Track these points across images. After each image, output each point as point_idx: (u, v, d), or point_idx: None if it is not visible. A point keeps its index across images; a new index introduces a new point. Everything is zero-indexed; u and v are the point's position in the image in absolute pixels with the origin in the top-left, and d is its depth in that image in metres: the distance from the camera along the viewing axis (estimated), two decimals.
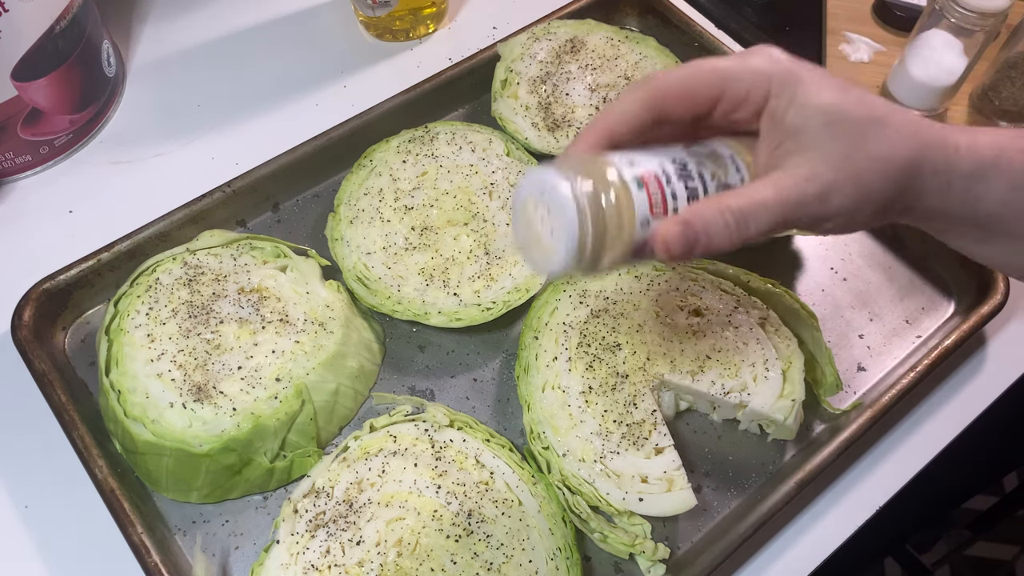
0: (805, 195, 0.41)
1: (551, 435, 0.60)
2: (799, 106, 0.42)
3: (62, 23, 0.72)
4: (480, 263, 0.68)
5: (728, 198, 0.42)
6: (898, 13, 0.91)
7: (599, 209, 0.41)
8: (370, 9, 0.86)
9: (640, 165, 0.43)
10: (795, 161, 0.42)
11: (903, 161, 0.41)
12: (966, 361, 0.70)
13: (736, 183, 0.45)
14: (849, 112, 0.42)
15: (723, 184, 0.44)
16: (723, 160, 0.45)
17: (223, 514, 0.61)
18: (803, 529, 0.62)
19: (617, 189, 0.41)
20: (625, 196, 0.42)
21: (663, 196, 0.42)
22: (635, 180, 0.42)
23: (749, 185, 0.43)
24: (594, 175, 0.41)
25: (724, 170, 0.45)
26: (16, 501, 0.62)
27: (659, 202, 0.42)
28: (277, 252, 0.69)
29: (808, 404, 0.63)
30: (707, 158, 0.45)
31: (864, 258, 0.75)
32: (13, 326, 0.64)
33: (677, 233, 0.41)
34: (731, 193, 0.42)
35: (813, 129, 0.42)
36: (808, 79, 0.43)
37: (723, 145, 0.46)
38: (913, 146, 0.42)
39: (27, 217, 0.77)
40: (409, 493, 0.58)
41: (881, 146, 0.41)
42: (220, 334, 0.63)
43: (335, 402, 0.63)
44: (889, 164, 0.41)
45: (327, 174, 0.78)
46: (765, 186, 0.42)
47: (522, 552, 0.56)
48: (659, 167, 0.43)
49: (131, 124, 0.84)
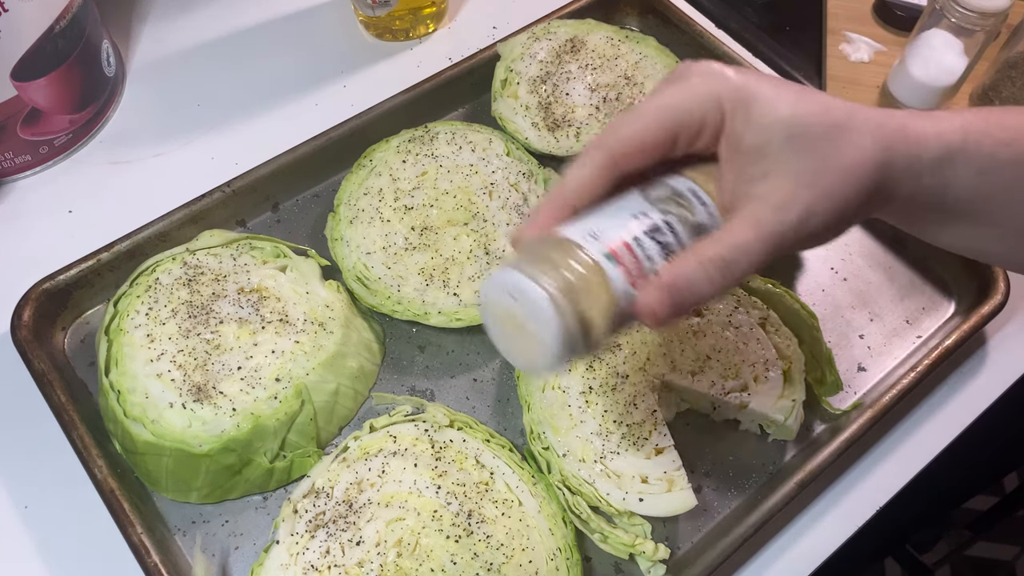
0: (785, 225, 0.40)
1: (551, 435, 0.60)
2: (757, 124, 0.40)
3: (62, 23, 0.72)
4: (480, 263, 0.68)
5: (707, 248, 0.40)
6: (898, 13, 0.91)
7: (575, 300, 0.38)
8: (370, 9, 0.86)
9: (606, 236, 0.40)
10: (765, 187, 0.40)
11: (873, 164, 0.40)
12: (966, 361, 0.70)
13: (704, 219, 0.42)
14: (809, 123, 0.40)
15: (693, 225, 0.42)
16: (686, 198, 0.43)
17: (223, 514, 0.61)
18: (803, 529, 0.62)
19: (589, 272, 0.39)
20: (599, 277, 0.39)
21: (638, 263, 0.40)
22: (605, 256, 0.40)
23: (725, 228, 0.41)
24: (560, 264, 0.39)
25: (690, 209, 0.42)
26: (16, 501, 0.62)
27: (635, 271, 0.40)
28: (277, 252, 0.69)
29: (808, 404, 0.63)
30: (669, 202, 0.42)
31: (864, 258, 0.75)
32: (13, 326, 0.64)
33: (663, 300, 0.39)
34: (708, 242, 0.40)
35: (776, 147, 0.40)
36: (761, 93, 0.41)
37: (681, 180, 0.43)
38: (880, 146, 0.40)
39: (27, 217, 0.77)
40: (409, 493, 0.58)
41: (848, 154, 0.40)
42: (220, 334, 0.63)
43: (335, 402, 0.63)
44: (860, 170, 0.40)
45: (327, 174, 0.77)
46: (742, 226, 0.40)
47: (522, 552, 0.56)
48: (626, 232, 0.41)
49: (131, 124, 0.84)
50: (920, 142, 0.41)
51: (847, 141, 0.40)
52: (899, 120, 0.41)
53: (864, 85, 0.87)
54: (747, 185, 0.41)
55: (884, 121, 0.41)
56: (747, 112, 0.41)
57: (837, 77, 0.87)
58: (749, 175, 0.41)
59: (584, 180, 0.43)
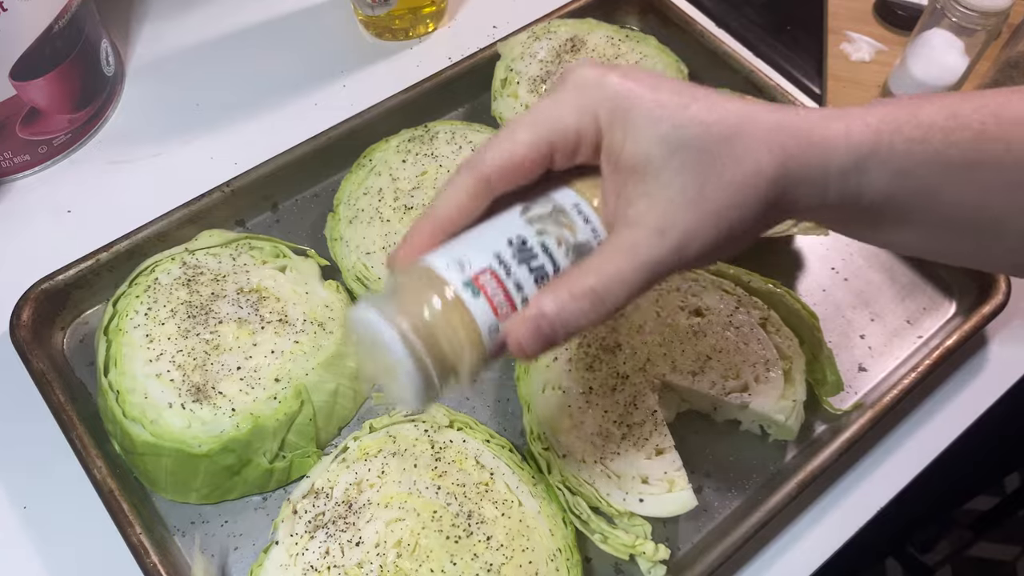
0: (662, 250, 0.37)
1: (551, 436, 0.60)
2: (635, 137, 0.37)
3: (60, 22, 0.72)
4: None
5: (579, 277, 0.37)
6: (899, 12, 0.91)
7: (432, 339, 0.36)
8: (369, 8, 0.85)
9: (471, 264, 0.38)
10: (642, 208, 0.37)
11: (766, 181, 0.37)
12: (967, 361, 0.70)
13: (587, 238, 0.40)
14: (694, 135, 0.36)
15: (573, 246, 0.39)
16: (568, 215, 0.40)
17: (222, 515, 0.61)
18: (804, 530, 0.62)
19: (448, 309, 0.37)
20: (461, 313, 0.37)
21: (505, 294, 0.38)
22: (469, 288, 0.37)
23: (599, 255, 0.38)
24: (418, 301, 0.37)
25: (571, 228, 0.40)
26: (14, 502, 0.62)
27: (503, 302, 0.37)
28: (276, 252, 0.68)
29: (809, 405, 0.63)
30: (549, 220, 0.40)
31: (865, 258, 0.75)
32: (11, 326, 0.64)
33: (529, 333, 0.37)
34: (581, 271, 0.37)
35: (656, 163, 0.37)
36: (641, 101, 0.37)
37: (566, 193, 0.41)
38: (776, 159, 0.37)
39: (25, 217, 0.77)
40: (409, 494, 0.57)
41: (737, 171, 0.36)
42: (219, 334, 0.62)
43: (334, 402, 0.63)
44: (749, 189, 0.37)
45: (326, 174, 0.77)
46: (616, 254, 0.37)
47: (522, 553, 0.56)
48: (495, 259, 0.38)
49: (130, 124, 0.84)
50: (826, 150, 0.37)
51: (736, 156, 0.36)
52: (803, 124, 0.38)
53: (865, 85, 0.87)
54: (626, 205, 0.38)
55: (784, 126, 0.37)
56: (624, 125, 0.37)
57: (838, 77, 0.87)
58: (628, 195, 0.38)
59: (454, 204, 0.40)
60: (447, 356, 0.37)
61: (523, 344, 0.37)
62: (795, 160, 0.37)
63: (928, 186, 0.38)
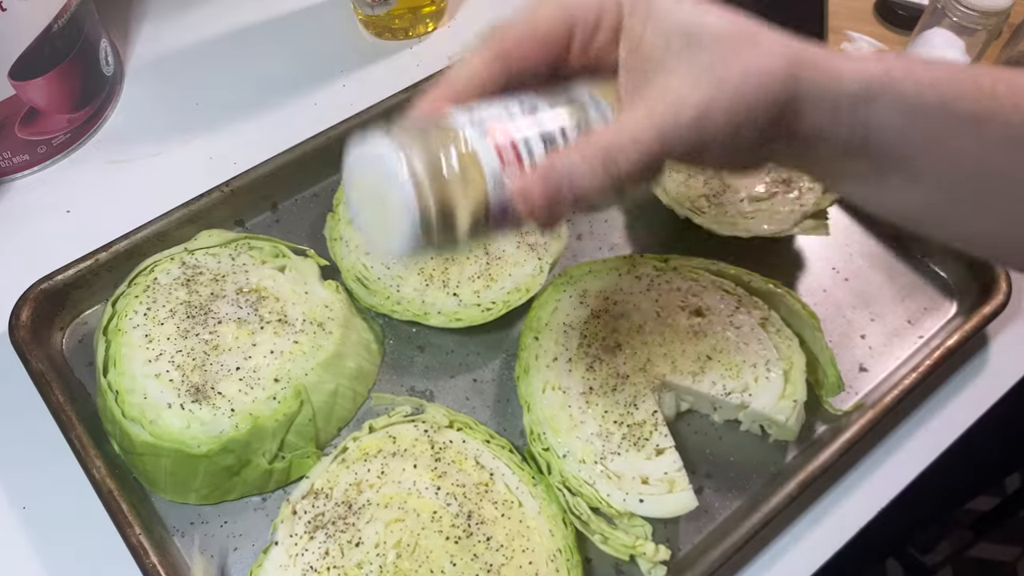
0: (679, 120, 0.37)
1: (551, 436, 0.60)
2: (657, 22, 0.38)
3: (60, 22, 0.72)
4: (480, 263, 0.68)
5: (592, 137, 0.38)
6: (900, 12, 0.91)
7: (439, 178, 0.36)
8: (369, 8, 0.85)
9: (487, 119, 0.38)
10: (663, 84, 0.38)
11: (781, 74, 0.37)
12: (968, 361, 0.70)
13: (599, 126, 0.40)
14: (713, 25, 0.38)
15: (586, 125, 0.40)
16: (583, 103, 0.41)
17: (221, 515, 0.61)
18: (805, 530, 0.62)
19: (460, 151, 0.37)
20: (470, 157, 0.37)
21: (516, 151, 0.38)
22: (481, 137, 0.37)
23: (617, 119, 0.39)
24: (431, 139, 0.37)
25: (584, 113, 0.40)
26: (14, 502, 0.62)
27: (512, 158, 0.38)
28: (276, 252, 0.68)
29: (809, 405, 0.63)
30: (564, 103, 0.40)
31: (866, 258, 0.75)
32: (10, 326, 0.64)
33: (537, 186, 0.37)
34: (595, 132, 0.38)
35: (676, 46, 0.37)
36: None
37: (581, 88, 0.41)
38: (789, 62, 0.37)
39: (24, 217, 0.77)
40: (408, 494, 0.57)
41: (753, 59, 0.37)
42: (218, 334, 0.62)
43: (334, 403, 0.63)
44: (765, 77, 0.37)
45: (326, 174, 0.77)
46: (635, 116, 0.37)
47: (522, 554, 0.56)
48: (512, 125, 0.38)
49: (129, 123, 0.84)
50: (837, 75, 0.38)
51: (752, 50, 0.37)
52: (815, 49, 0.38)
53: None
54: (643, 87, 0.39)
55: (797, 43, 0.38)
56: (647, 8, 0.38)
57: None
58: (647, 75, 0.38)
59: (467, 72, 0.40)
60: (450, 201, 0.36)
61: (529, 199, 0.37)
62: (808, 71, 0.38)
63: (934, 134, 0.38)
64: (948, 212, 0.42)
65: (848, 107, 0.38)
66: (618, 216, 0.77)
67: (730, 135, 0.38)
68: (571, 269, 0.68)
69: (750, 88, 0.37)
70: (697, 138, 0.38)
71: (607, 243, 0.75)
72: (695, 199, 0.73)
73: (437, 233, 0.37)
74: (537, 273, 0.68)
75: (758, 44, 0.38)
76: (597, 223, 0.76)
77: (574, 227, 0.76)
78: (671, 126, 0.37)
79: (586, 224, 0.76)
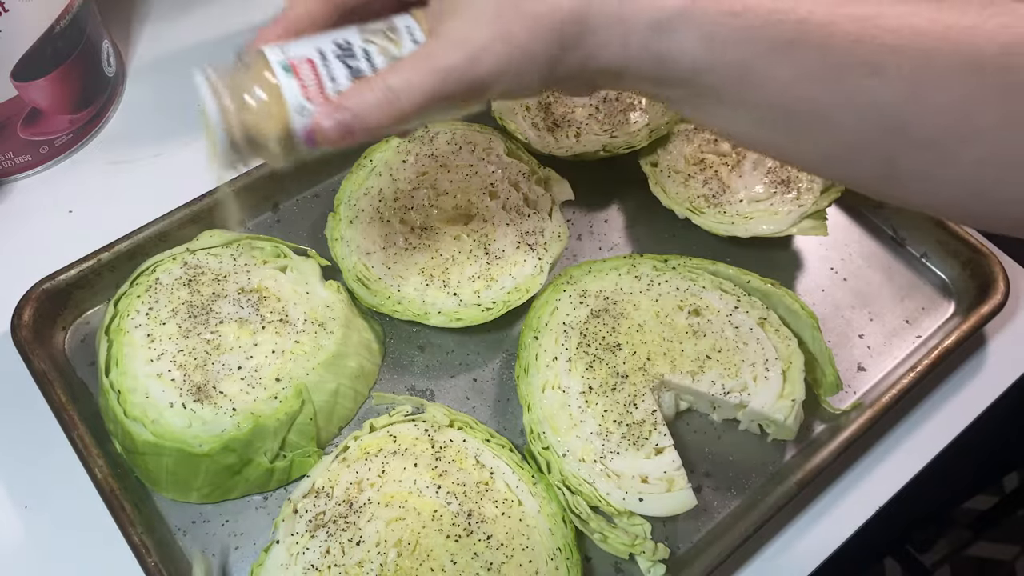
0: (454, 61, 0.40)
1: (551, 435, 0.60)
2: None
3: (62, 23, 0.72)
4: (480, 263, 0.68)
5: (381, 76, 0.41)
6: None
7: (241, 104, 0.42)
8: None
9: (293, 51, 0.43)
10: (449, 26, 0.41)
11: (564, 14, 0.39)
12: (966, 361, 0.70)
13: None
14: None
15: (394, 58, 0.44)
16: (398, 33, 0.44)
17: (223, 514, 0.61)
18: (803, 529, 0.62)
19: (262, 80, 0.42)
20: (272, 86, 0.42)
21: (317, 80, 0.42)
22: (284, 67, 0.42)
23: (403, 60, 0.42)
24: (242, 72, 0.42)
25: (398, 44, 0.44)
26: (16, 501, 0.62)
27: (314, 86, 0.42)
28: (277, 252, 0.69)
29: (808, 404, 0.63)
30: (379, 34, 0.44)
31: (864, 258, 0.75)
32: (13, 326, 0.64)
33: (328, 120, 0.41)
34: (385, 70, 0.42)
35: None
36: None
37: (403, 17, 0.45)
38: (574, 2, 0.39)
39: (27, 217, 0.77)
40: (409, 493, 0.58)
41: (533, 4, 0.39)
42: (220, 334, 0.63)
43: (335, 402, 0.63)
44: (544, 19, 0.39)
45: (327, 174, 0.78)
46: (415, 59, 0.41)
47: (522, 552, 0.56)
48: (315, 51, 0.43)
49: (131, 124, 0.84)
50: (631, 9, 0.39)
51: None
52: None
53: None
54: (438, 24, 0.42)
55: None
56: None
57: None
58: (441, 12, 0.42)
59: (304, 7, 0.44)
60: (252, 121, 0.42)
61: (323, 131, 0.42)
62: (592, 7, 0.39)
63: (743, 61, 0.38)
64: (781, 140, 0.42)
65: (641, 38, 0.39)
66: (618, 216, 0.77)
67: (509, 72, 0.40)
68: (571, 269, 0.68)
69: (526, 31, 0.40)
70: (475, 77, 0.40)
71: (607, 243, 0.75)
72: (694, 199, 0.73)
73: (248, 154, 0.43)
74: (537, 273, 0.68)
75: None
76: (597, 223, 0.77)
77: (574, 227, 0.76)
78: (444, 70, 0.40)
79: (586, 224, 0.76)
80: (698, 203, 0.73)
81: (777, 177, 0.73)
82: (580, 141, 0.77)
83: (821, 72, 0.37)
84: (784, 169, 0.74)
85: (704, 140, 0.76)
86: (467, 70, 0.40)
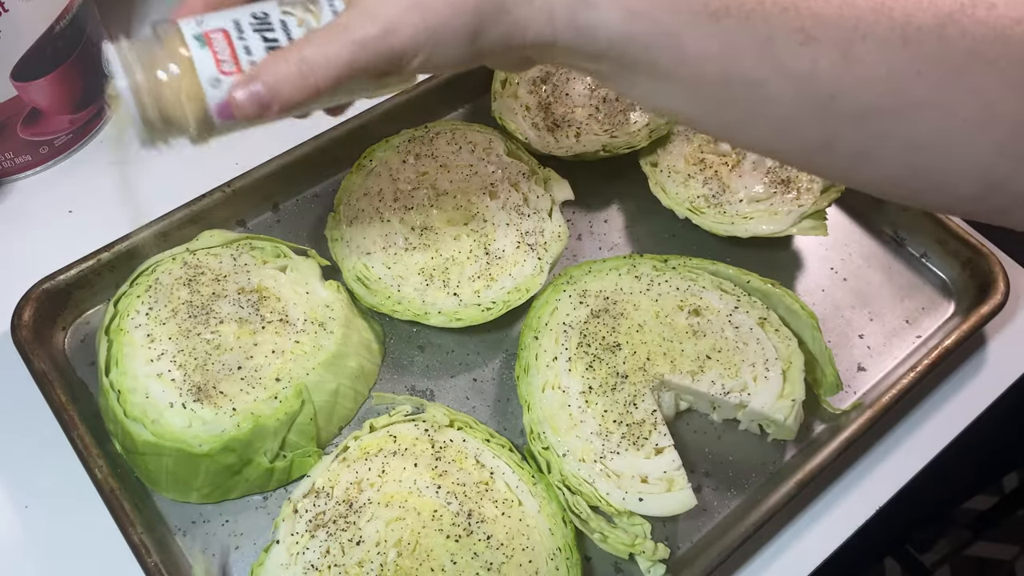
0: (370, 32, 0.39)
1: (551, 435, 0.60)
2: None
3: (61, 23, 0.72)
4: (480, 263, 0.68)
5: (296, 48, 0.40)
6: None
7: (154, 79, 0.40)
8: None
9: (208, 23, 0.42)
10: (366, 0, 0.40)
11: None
12: (966, 361, 0.70)
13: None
14: None
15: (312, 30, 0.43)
16: (318, 5, 0.44)
17: (223, 514, 0.61)
18: (803, 529, 0.62)
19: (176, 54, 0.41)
20: (186, 59, 0.41)
21: (232, 53, 0.41)
22: (197, 40, 0.41)
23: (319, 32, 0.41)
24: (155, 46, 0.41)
25: (317, 16, 0.43)
26: (16, 501, 0.62)
27: (228, 59, 0.41)
28: (277, 252, 0.69)
29: (808, 404, 0.63)
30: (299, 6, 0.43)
31: (864, 258, 0.75)
32: (13, 326, 0.64)
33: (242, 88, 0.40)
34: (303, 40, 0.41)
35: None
36: None
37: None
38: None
39: (27, 217, 0.77)
40: (409, 493, 0.58)
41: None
42: (220, 334, 0.63)
43: (335, 402, 0.63)
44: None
45: (327, 174, 0.78)
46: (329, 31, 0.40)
47: (522, 552, 0.56)
48: (231, 22, 0.42)
49: None
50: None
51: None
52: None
53: None
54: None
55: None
56: None
57: None
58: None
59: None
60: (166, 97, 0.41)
61: (239, 102, 0.41)
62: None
63: (669, 32, 0.38)
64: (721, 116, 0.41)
65: (565, 12, 0.39)
66: (618, 216, 0.77)
67: (426, 45, 0.40)
68: (571, 269, 0.68)
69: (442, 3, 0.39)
70: (391, 48, 0.40)
71: (607, 243, 0.75)
72: (694, 199, 0.73)
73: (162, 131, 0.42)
74: (537, 273, 0.68)
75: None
76: (597, 223, 0.77)
77: (574, 227, 0.76)
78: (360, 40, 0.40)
79: (586, 224, 0.76)
80: (698, 203, 0.73)
81: (777, 177, 0.73)
82: (580, 141, 0.77)
83: (750, 43, 0.37)
84: (784, 169, 0.74)
85: (704, 140, 0.76)
86: (383, 41, 0.39)
